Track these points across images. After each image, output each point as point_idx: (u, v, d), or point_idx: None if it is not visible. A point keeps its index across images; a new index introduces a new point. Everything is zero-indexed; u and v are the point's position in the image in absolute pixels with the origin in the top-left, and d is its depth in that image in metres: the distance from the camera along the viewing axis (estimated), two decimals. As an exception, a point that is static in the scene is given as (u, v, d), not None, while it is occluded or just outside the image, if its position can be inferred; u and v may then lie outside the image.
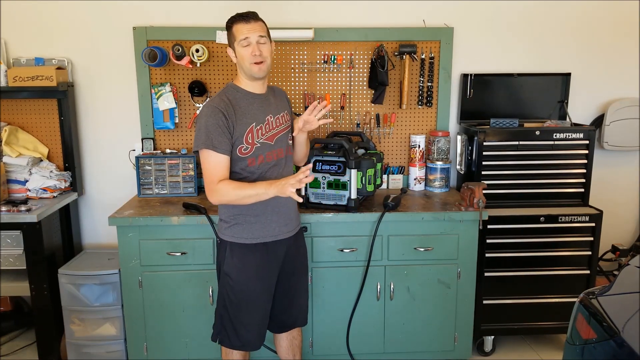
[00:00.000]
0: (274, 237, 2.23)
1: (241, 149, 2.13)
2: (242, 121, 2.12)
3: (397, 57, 3.11)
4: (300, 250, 2.41)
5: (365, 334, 2.81)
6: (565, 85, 3.22)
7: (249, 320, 2.24)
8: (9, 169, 2.95)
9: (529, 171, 2.96)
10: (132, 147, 3.17)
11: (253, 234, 2.19)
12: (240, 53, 2.12)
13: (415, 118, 3.23)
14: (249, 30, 2.10)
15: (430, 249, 2.73)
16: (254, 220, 2.19)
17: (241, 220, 2.19)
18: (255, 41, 2.10)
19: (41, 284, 2.81)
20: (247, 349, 2.30)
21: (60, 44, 3.07)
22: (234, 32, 2.13)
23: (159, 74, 3.08)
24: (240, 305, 2.22)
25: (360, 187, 2.71)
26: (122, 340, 2.85)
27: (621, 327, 1.52)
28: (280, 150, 2.25)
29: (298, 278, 2.40)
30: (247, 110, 2.15)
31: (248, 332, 2.25)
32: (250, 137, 2.14)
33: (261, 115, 2.18)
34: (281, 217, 2.24)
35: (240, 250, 2.20)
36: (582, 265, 2.95)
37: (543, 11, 3.19)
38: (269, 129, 2.20)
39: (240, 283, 2.20)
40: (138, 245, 2.63)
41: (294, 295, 2.39)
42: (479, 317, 2.91)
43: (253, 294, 2.22)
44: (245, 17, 2.12)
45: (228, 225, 2.21)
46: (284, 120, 2.29)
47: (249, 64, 2.10)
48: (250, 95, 2.18)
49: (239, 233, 2.19)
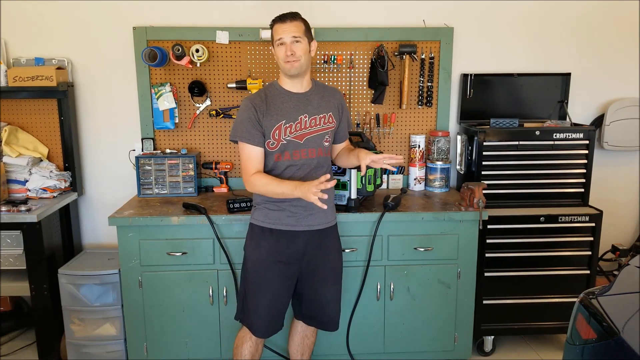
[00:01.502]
0: (291, 227, 2.28)
1: (268, 144, 2.23)
2: (272, 117, 2.22)
3: (397, 57, 3.11)
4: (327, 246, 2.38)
5: (365, 334, 2.82)
6: (565, 85, 3.23)
7: (258, 300, 2.30)
8: (9, 169, 2.95)
9: (529, 171, 2.96)
10: (132, 147, 3.17)
11: (270, 220, 2.28)
12: (276, 52, 2.24)
13: (415, 118, 3.23)
14: (283, 31, 2.19)
15: (430, 249, 2.73)
16: (274, 207, 2.28)
17: (263, 206, 2.30)
18: (289, 41, 2.18)
19: (41, 284, 2.81)
20: (253, 332, 2.35)
21: (60, 44, 3.07)
22: (273, 32, 2.24)
23: (159, 74, 3.08)
24: (252, 284, 2.31)
25: (360, 187, 2.71)
26: (122, 340, 2.85)
27: (621, 327, 1.52)
28: (311, 150, 2.27)
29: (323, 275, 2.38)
30: (280, 107, 2.24)
31: (256, 314, 2.32)
32: (277, 134, 2.22)
33: (294, 113, 2.25)
34: (300, 210, 2.28)
35: (257, 231, 2.31)
36: (582, 265, 2.95)
37: (543, 11, 3.19)
38: (299, 128, 2.25)
39: (253, 262, 2.30)
40: (138, 245, 2.63)
41: (320, 292, 2.39)
42: (479, 317, 2.91)
43: (263, 276, 2.29)
44: (283, 18, 2.21)
45: (254, 209, 2.36)
46: (323, 122, 2.31)
47: (282, 62, 2.21)
48: (286, 93, 2.28)
49: (259, 216, 2.31)
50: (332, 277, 2.42)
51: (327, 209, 2.30)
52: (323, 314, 2.44)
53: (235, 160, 3.21)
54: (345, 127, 2.48)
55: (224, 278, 2.68)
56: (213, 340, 2.76)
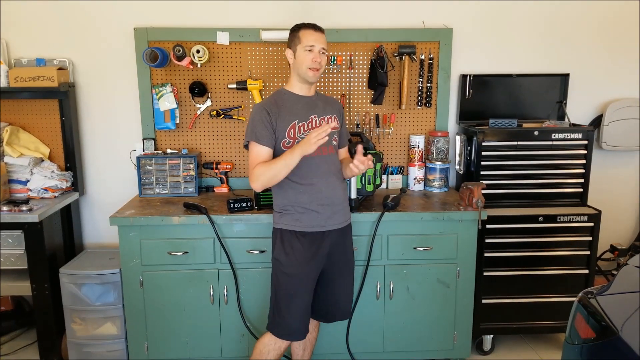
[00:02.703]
0: (320, 228, 2.33)
1: (284, 143, 2.29)
2: (285, 118, 2.29)
3: (396, 57, 3.12)
4: (346, 243, 2.47)
5: (365, 333, 2.83)
6: (564, 86, 3.24)
7: (296, 304, 2.32)
8: (10, 169, 2.96)
9: (528, 171, 2.97)
10: (133, 147, 3.18)
11: (302, 223, 2.31)
12: (301, 56, 2.29)
13: (415, 118, 3.24)
14: (315, 39, 2.28)
15: (429, 249, 2.74)
16: (302, 211, 2.31)
17: (291, 210, 2.33)
18: (318, 50, 2.28)
19: (42, 283, 2.82)
20: (293, 338, 2.38)
21: (61, 44, 3.08)
22: (300, 36, 2.29)
23: (160, 74, 3.09)
24: (289, 289, 2.32)
25: (360, 187, 2.72)
26: (123, 340, 2.86)
27: (620, 327, 1.53)
28: (323, 147, 2.33)
29: (340, 271, 2.45)
30: (291, 109, 2.32)
31: (295, 319, 2.34)
32: (292, 132, 2.30)
33: (305, 113, 2.34)
34: (327, 210, 2.34)
35: (289, 236, 2.32)
36: (581, 264, 2.96)
37: (542, 12, 3.20)
38: (311, 127, 2.34)
39: (289, 266, 2.31)
40: (139, 245, 2.64)
41: (335, 287, 2.46)
42: (478, 316, 2.92)
43: (300, 278, 2.31)
44: (315, 27, 2.32)
45: (280, 215, 2.36)
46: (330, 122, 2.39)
47: (306, 68, 2.28)
48: (295, 96, 2.37)
49: (289, 221, 2.32)
50: (348, 272, 2.50)
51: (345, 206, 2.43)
52: (337, 309, 2.51)
53: (235, 160, 3.22)
54: (345, 134, 2.57)
55: (225, 278, 2.70)
56: (214, 339, 2.77)
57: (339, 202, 2.40)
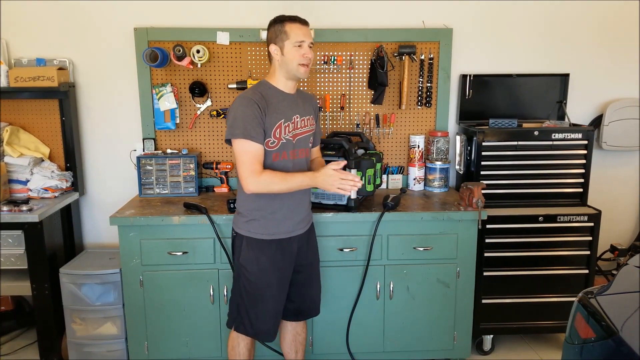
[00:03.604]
0: (288, 234, 2.30)
1: (268, 143, 2.19)
2: (273, 116, 2.18)
3: (396, 57, 3.12)
4: (312, 244, 2.47)
5: (365, 333, 2.83)
6: (564, 86, 3.24)
7: (263, 311, 2.30)
8: (10, 169, 2.96)
9: (528, 171, 2.97)
10: (133, 147, 3.18)
11: (269, 231, 2.25)
12: (290, 52, 2.18)
13: (415, 118, 3.24)
14: (304, 34, 2.20)
15: (429, 249, 2.74)
16: (271, 217, 2.25)
17: (258, 216, 2.25)
18: (308, 45, 2.21)
19: (42, 283, 2.82)
20: (260, 339, 2.38)
21: (61, 44, 3.08)
22: (288, 30, 2.18)
23: (160, 74, 3.09)
24: (256, 296, 2.28)
25: (360, 187, 2.71)
26: (123, 340, 2.86)
27: (620, 327, 1.53)
28: (301, 150, 2.32)
29: (311, 270, 2.46)
30: (277, 106, 2.21)
31: (262, 323, 2.32)
32: (278, 132, 2.20)
33: (289, 113, 2.25)
34: (296, 215, 2.31)
35: (256, 244, 2.26)
36: (581, 264, 2.96)
37: (542, 12, 3.20)
38: (294, 128, 2.27)
39: (256, 275, 2.26)
40: (139, 245, 2.64)
41: (309, 286, 2.47)
42: (478, 316, 2.92)
43: (268, 286, 2.28)
44: (303, 21, 2.22)
45: (245, 219, 2.27)
46: (309, 123, 2.37)
47: (297, 64, 2.19)
48: (281, 93, 2.26)
49: (256, 229, 2.25)
50: (316, 268, 2.51)
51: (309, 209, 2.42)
52: (309, 306, 2.51)
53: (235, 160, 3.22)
54: (319, 132, 2.53)
55: (225, 277, 2.69)
56: (214, 339, 2.77)
57: (307, 207, 2.39)
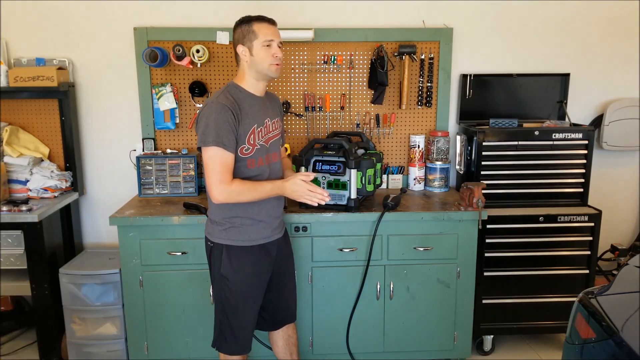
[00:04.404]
0: (268, 239, 2.26)
1: (242, 150, 2.12)
2: (246, 121, 2.11)
3: (396, 57, 3.12)
4: (288, 248, 2.45)
5: (365, 333, 2.82)
6: (565, 86, 3.23)
7: (246, 322, 2.26)
8: (10, 169, 2.96)
9: (528, 171, 2.97)
10: (133, 147, 3.17)
11: (250, 237, 2.20)
12: (260, 53, 2.12)
13: (415, 118, 3.24)
14: (273, 33, 2.15)
15: (429, 249, 2.74)
16: (250, 223, 2.20)
17: (237, 223, 2.18)
18: (277, 45, 2.15)
19: (42, 283, 2.82)
20: (244, 353, 2.32)
21: (61, 44, 3.08)
22: (256, 30, 2.12)
23: (160, 74, 3.09)
24: (238, 307, 2.22)
25: (360, 187, 2.71)
26: (122, 340, 2.86)
27: (620, 327, 1.53)
28: (274, 154, 2.29)
29: (288, 276, 2.43)
30: (249, 111, 2.14)
31: (245, 334, 2.28)
32: (252, 138, 2.14)
33: (261, 117, 2.20)
34: (273, 220, 2.28)
35: (237, 252, 2.19)
36: (581, 265, 2.96)
37: (542, 11, 3.20)
38: (266, 132, 2.22)
39: (238, 284, 2.20)
40: (139, 245, 2.64)
41: (285, 293, 2.43)
42: (479, 316, 2.92)
43: (250, 295, 2.23)
44: (270, 20, 2.17)
45: (223, 228, 2.19)
46: (278, 125, 2.33)
47: (268, 64, 2.13)
48: (251, 96, 2.19)
49: (236, 236, 2.19)
50: (292, 273, 2.46)
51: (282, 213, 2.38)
52: (287, 313, 2.46)
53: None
54: (283, 131, 2.48)
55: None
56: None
57: (282, 212, 2.37)
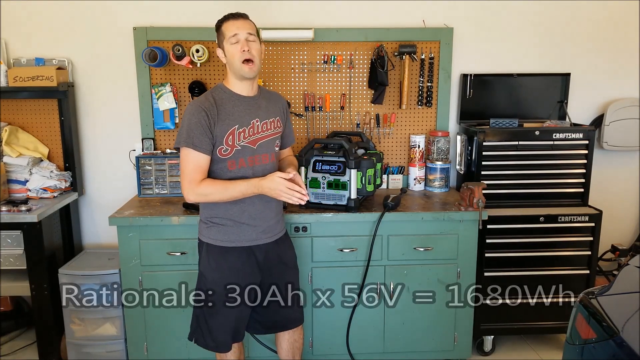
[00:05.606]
0: (251, 242, 2.21)
1: (221, 150, 2.11)
2: (224, 122, 2.09)
3: (397, 57, 3.12)
4: (284, 256, 2.35)
5: (365, 334, 2.82)
6: (565, 86, 3.23)
7: (222, 321, 2.23)
8: (9, 169, 2.96)
9: (529, 171, 2.96)
10: (133, 147, 3.17)
11: (229, 237, 2.18)
12: (229, 51, 2.09)
13: (415, 118, 3.24)
14: (237, 27, 2.08)
15: (430, 249, 2.73)
16: (231, 224, 2.18)
17: (218, 223, 2.18)
18: (244, 38, 2.08)
19: (41, 283, 2.81)
20: (220, 351, 2.29)
21: (60, 44, 3.07)
22: (223, 30, 2.12)
23: (159, 74, 3.08)
24: (214, 306, 2.21)
25: (360, 187, 2.71)
26: (122, 340, 2.85)
27: (621, 327, 1.53)
28: (264, 155, 2.22)
29: (286, 280, 2.35)
30: (231, 111, 2.12)
31: (223, 333, 2.24)
32: (230, 139, 2.11)
33: (246, 118, 2.15)
34: (259, 223, 2.22)
35: (215, 252, 2.19)
36: (582, 265, 2.95)
37: (543, 11, 3.20)
38: (252, 133, 2.17)
39: (215, 284, 2.19)
40: (138, 245, 2.64)
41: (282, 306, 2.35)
42: (479, 316, 2.91)
43: (227, 295, 2.20)
44: (235, 15, 2.12)
45: (206, 226, 2.21)
46: (273, 127, 2.26)
47: (239, 62, 2.08)
48: (236, 97, 2.16)
49: (215, 235, 2.19)
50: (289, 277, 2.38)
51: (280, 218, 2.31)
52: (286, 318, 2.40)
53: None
54: (290, 133, 2.44)
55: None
56: (213, 340, 2.76)
57: (273, 215, 2.27)
